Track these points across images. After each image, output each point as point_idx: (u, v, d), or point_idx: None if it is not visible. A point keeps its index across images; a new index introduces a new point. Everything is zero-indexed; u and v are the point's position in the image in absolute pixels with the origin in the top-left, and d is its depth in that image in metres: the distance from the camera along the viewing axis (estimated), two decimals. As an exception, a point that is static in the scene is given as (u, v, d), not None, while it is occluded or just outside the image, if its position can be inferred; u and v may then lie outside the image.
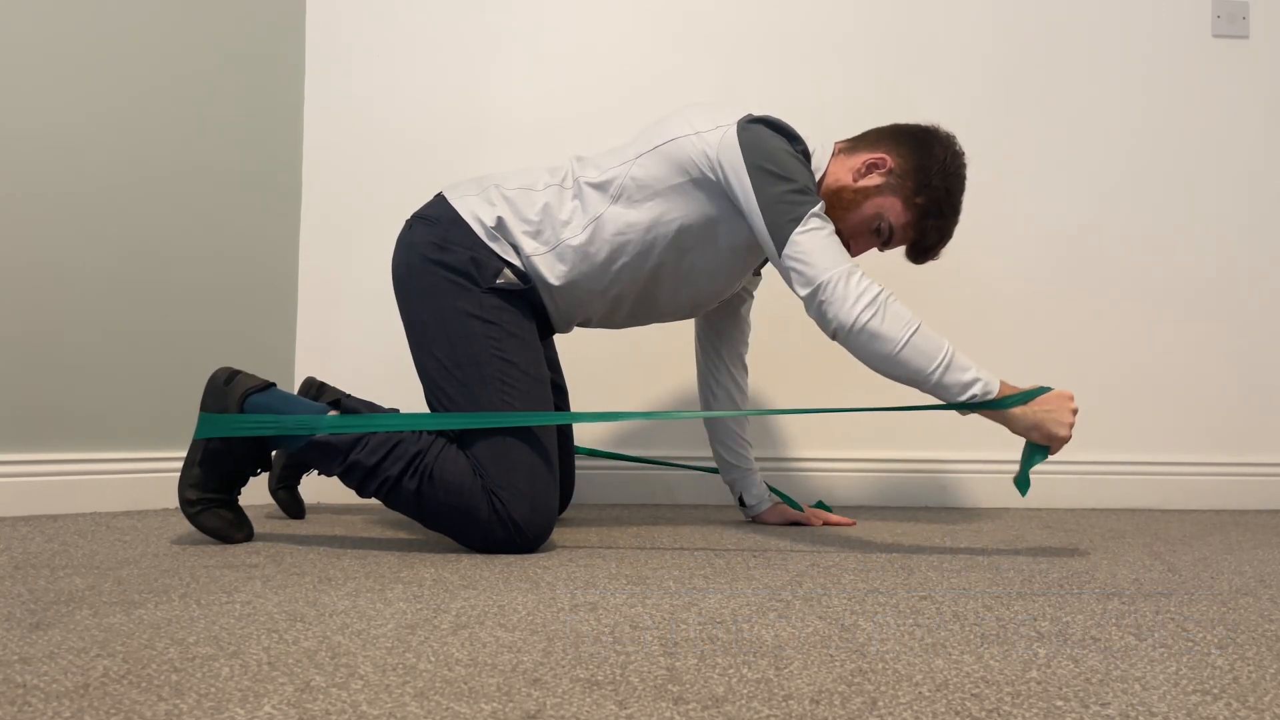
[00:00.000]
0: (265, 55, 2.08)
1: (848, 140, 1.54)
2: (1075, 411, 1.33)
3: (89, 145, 1.78)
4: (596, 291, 1.48)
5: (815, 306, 1.34)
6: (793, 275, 1.36)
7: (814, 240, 1.34)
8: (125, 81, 1.83)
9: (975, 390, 1.31)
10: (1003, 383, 1.33)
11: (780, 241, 1.36)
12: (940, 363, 1.31)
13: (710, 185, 1.42)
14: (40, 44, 1.71)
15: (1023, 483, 1.37)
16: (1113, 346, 2.26)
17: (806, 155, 1.46)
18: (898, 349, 1.30)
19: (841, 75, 2.24)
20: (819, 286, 1.33)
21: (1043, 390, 1.33)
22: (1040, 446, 1.35)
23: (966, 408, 1.32)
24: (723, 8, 2.24)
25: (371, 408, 1.43)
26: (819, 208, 1.37)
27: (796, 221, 1.35)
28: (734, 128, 1.41)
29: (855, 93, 2.23)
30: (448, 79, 2.20)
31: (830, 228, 1.37)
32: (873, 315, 1.31)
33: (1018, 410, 1.32)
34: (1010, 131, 2.27)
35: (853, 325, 1.31)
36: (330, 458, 1.36)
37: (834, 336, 1.35)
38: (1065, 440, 1.33)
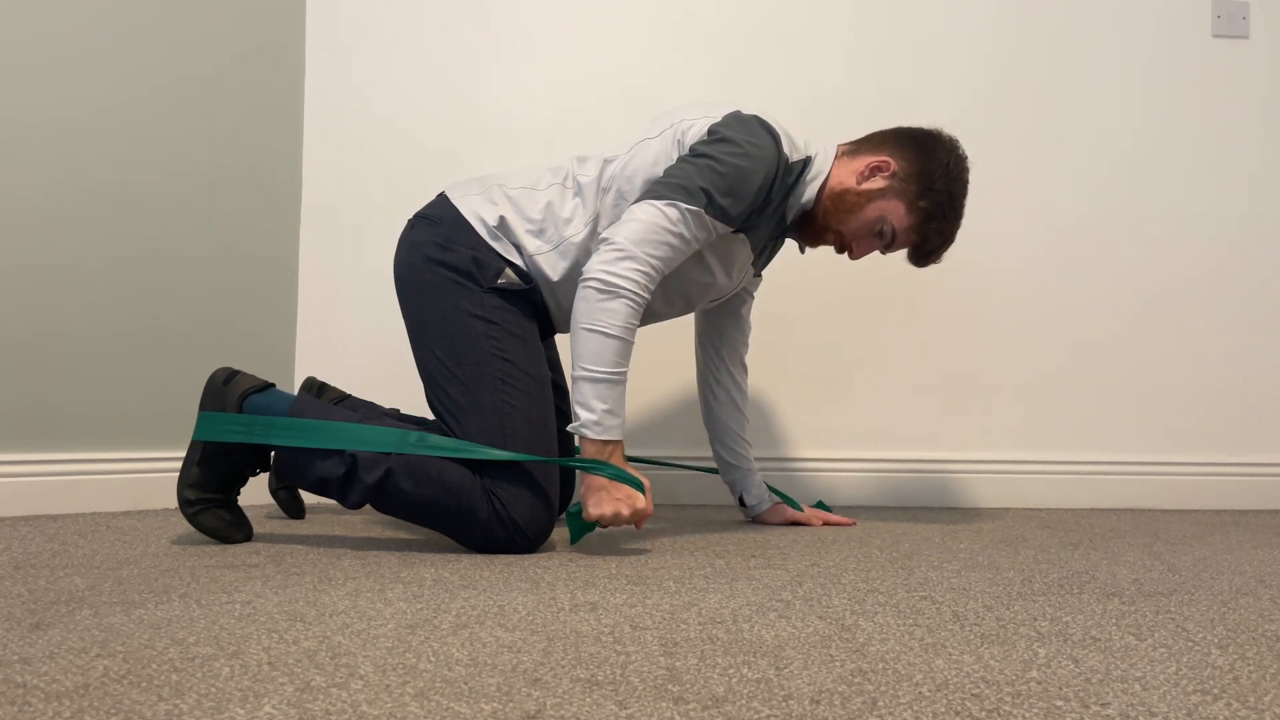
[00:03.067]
0: (265, 54, 2.08)
1: (850, 143, 1.55)
2: (623, 517, 1.32)
3: (89, 145, 1.78)
4: None
5: (596, 249, 1.38)
6: (614, 225, 1.38)
7: (648, 216, 1.36)
8: (125, 81, 1.83)
9: (585, 418, 1.32)
10: (619, 452, 1.34)
11: (640, 197, 1.39)
12: (592, 372, 1.32)
13: None
14: (40, 44, 1.71)
15: (571, 530, 1.38)
16: (1112, 346, 2.26)
17: (787, 167, 1.45)
18: (583, 325, 1.33)
19: (842, 75, 2.24)
20: (607, 240, 1.36)
21: (634, 482, 1.33)
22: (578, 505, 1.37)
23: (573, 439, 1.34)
24: (723, 8, 2.24)
25: (372, 408, 1.42)
26: (691, 210, 1.37)
27: (660, 198, 1.37)
28: (721, 117, 1.43)
29: (855, 93, 2.24)
30: (449, 78, 2.20)
31: (678, 230, 1.37)
32: (600, 289, 1.33)
33: (590, 471, 1.34)
34: (1010, 131, 2.27)
35: (586, 278, 1.35)
36: (298, 473, 1.35)
37: (579, 275, 1.39)
38: (592, 518, 1.33)
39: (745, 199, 1.40)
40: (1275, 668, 0.79)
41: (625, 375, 1.34)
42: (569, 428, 1.36)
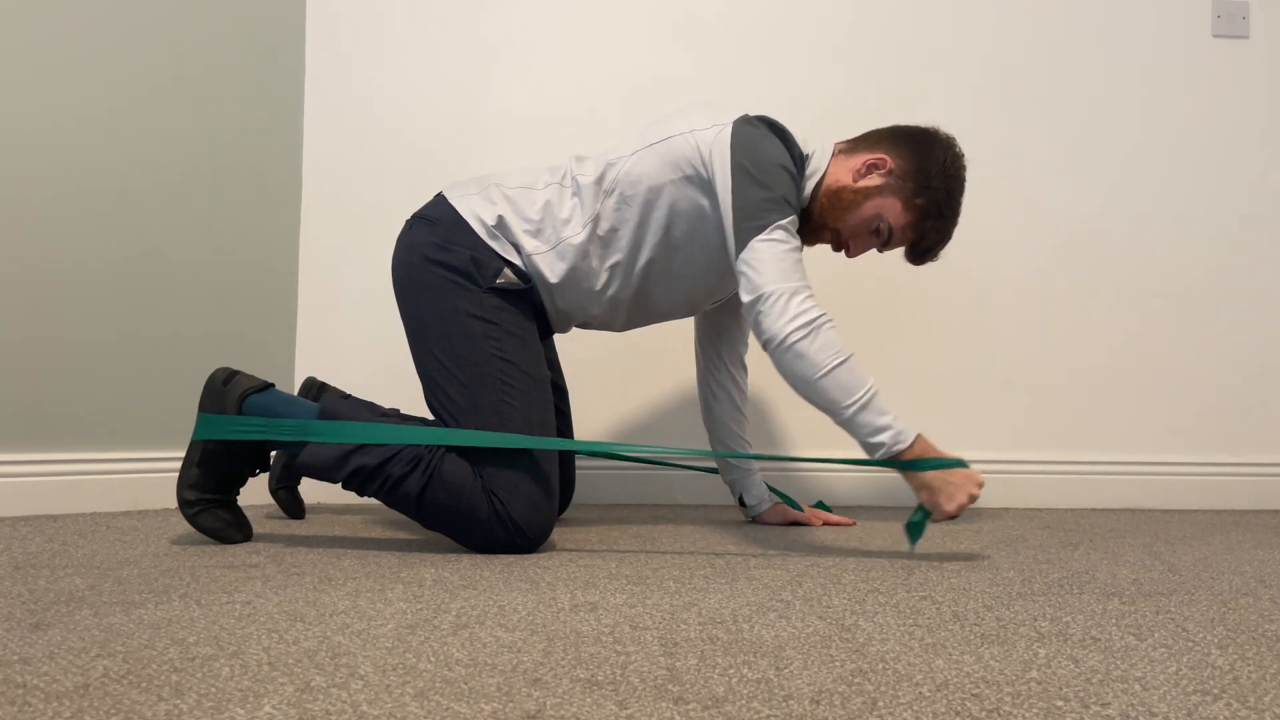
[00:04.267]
0: (265, 55, 2.08)
1: (848, 141, 1.55)
2: (974, 497, 1.32)
3: (89, 146, 1.78)
4: (594, 291, 1.49)
5: (753, 315, 1.35)
6: (742, 279, 1.37)
7: (770, 251, 1.35)
8: (125, 82, 1.83)
9: (884, 438, 1.31)
10: (922, 439, 1.33)
11: (740, 245, 1.36)
12: (857, 400, 1.31)
13: (701, 182, 1.43)
14: (40, 45, 1.71)
15: (910, 533, 1.37)
16: (1112, 346, 2.26)
17: (801, 161, 1.46)
18: (818, 375, 1.31)
19: (841, 75, 2.24)
20: (760, 297, 1.33)
21: (958, 464, 1.33)
22: (924, 509, 1.35)
23: (877, 458, 1.33)
24: (722, 8, 2.24)
25: (373, 408, 1.42)
26: (788, 221, 1.37)
27: (760, 229, 1.35)
28: (730, 126, 1.41)
29: (855, 93, 2.24)
30: (448, 79, 2.20)
31: (794, 244, 1.37)
32: (803, 337, 1.31)
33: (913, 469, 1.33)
34: (1010, 131, 2.27)
35: (782, 341, 1.32)
36: (330, 466, 1.35)
37: (765, 348, 1.36)
38: (948, 515, 1.32)
39: (799, 190, 1.43)
40: (1275, 668, 0.79)
41: (875, 383, 1.32)
42: (877, 457, 1.33)
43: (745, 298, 1.36)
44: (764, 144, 1.40)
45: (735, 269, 1.38)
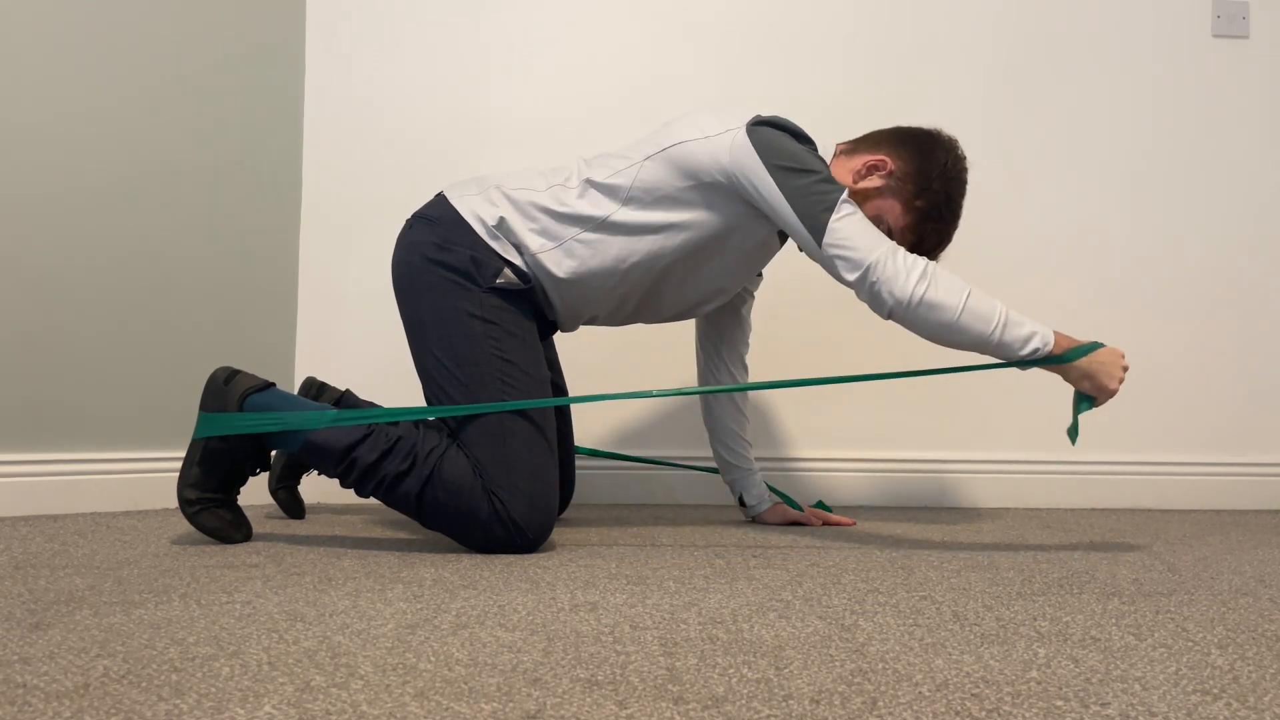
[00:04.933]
0: (265, 54, 2.08)
1: (849, 142, 1.54)
2: (1126, 369, 1.36)
3: (88, 145, 1.78)
4: (606, 289, 1.48)
5: (867, 289, 1.35)
6: (838, 263, 1.36)
7: (851, 224, 1.35)
8: (124, 80, 1.83)
9: (1035, 344, 1.33)
10: (1057, 334, 1.36)
11: (818, 232, 1.36)
12: (999, 321, 1.33)
13: (723, 189, 1.42)
14: (39, 43, 1.71)
15: (1073, 431, 1.41)
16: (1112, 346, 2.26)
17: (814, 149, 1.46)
18: (958, 314, 1.32)
19: (841, 75, 2.24)
20: (868, 268, 1.33)
21: (1096, 346, 1.36)
22: (1087, 396, 1.38)
23: (1028, 363, 1.35)
24: (723, 8, 2.24)
25: (373, 407, 1.43)
26: (846, 193, 1.38)
27: (830, 209, 1.35)
28: (743, 131, 1.41)
29: (855, 92, 2.23)
30: (448, 78, 2.20)
31: (860, 211, 1.38)
32: (928, 286, 1.32)
33: (1073, 361, 1.35)
34: (1010, 132, 2.27)
35: (910, 299, 1.32)
36: (329, 457, 1.36)
37: (890, 315, 1.35)
38: (1113, 393, 1.36)
39: (823, 165, 1.43)
40: (1275, 668, 0.79)
41: (1002, 305, 1.34)
42: (1033, 362, 1.35)
43: (850, 276, 1.35)
44: (783, 140, 1.41)
45: (823, 259, 1.37)
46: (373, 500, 1.58)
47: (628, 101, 2.20)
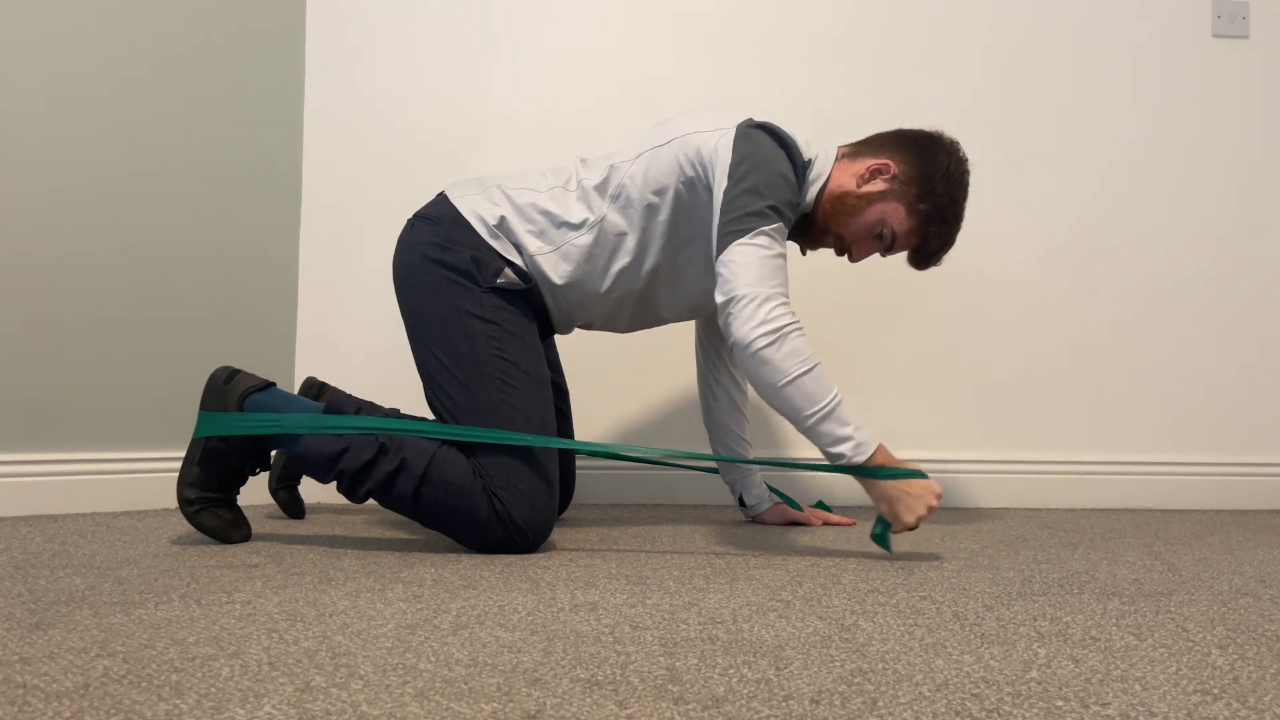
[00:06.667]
0: (266, 53, 2.08)
1: (851, 145, 1.54)
2: (932, 509, 1.33)
3: (88, 144, 1.78)
4: (598, 294, 1.49)
5: (724, 317, 1.35)
6: (718, 280, 1.36)
7: (750, 255, 1.34)
8: (125, 79, 1.83)
9: (844, 449, 1.31)
10: (883, 449, 1.33)
11: (721, 246, 1.36)
12: (820, 410, 1.31)
13: (702, 184, 1.43)
14: (40, 43, 1.71)
15: (883, 545, 1.37)
16: (1112, 346, 2.26)
17: (803, 168, 1.45)
18: (782, 382, 1.31)
19: (840, 75, 2.24)
20: (732, 299, 1.33)
21: (917, 475, 1.33)
22: (884, 520, 1.36)
23: (839, 467, 1.33)
24: (722, 8, 2.24)
25: (373, 408, 1.42)
26: (774, 229, 1.35)
27: (743, 233, 1.34)
28: (733, 130, 1.41)
29: (853, 92, 2.23)
30: (449, 78, 2.20)
31: (776, 250, 1.35)
32: (769, 344, 1.30)
33: (881, 480, 1.33)
34: (1010, 132, 2.27)
35: (747, 346, 1.31)
36: (317, 467, 1.36)
37: (732, 350, 1.36)
38: (907, 527, 1.33)
39: (795, 201, 1.42)
40: (1275, 668, 0.79)
41: (839, 393, 1.32)
42: (834, 465, 1.33)
43: (718, 298, 1.35)
44: (764, 150, 1.39)
45: (715, 266, 1.37)
46: (372, 501, 1.59)
47: (628, 101, 2.20)
